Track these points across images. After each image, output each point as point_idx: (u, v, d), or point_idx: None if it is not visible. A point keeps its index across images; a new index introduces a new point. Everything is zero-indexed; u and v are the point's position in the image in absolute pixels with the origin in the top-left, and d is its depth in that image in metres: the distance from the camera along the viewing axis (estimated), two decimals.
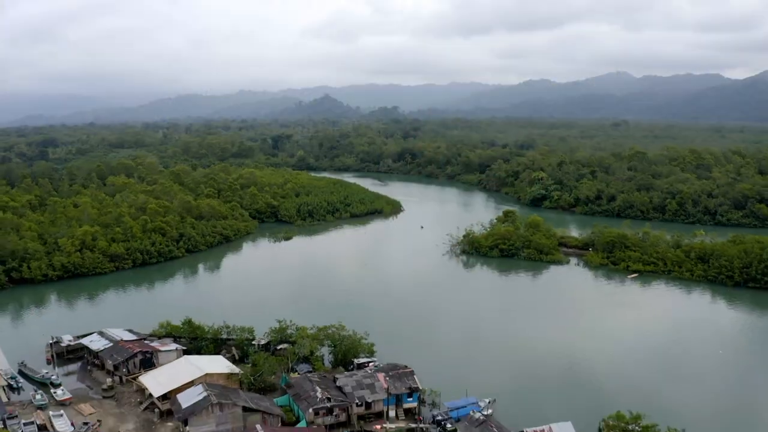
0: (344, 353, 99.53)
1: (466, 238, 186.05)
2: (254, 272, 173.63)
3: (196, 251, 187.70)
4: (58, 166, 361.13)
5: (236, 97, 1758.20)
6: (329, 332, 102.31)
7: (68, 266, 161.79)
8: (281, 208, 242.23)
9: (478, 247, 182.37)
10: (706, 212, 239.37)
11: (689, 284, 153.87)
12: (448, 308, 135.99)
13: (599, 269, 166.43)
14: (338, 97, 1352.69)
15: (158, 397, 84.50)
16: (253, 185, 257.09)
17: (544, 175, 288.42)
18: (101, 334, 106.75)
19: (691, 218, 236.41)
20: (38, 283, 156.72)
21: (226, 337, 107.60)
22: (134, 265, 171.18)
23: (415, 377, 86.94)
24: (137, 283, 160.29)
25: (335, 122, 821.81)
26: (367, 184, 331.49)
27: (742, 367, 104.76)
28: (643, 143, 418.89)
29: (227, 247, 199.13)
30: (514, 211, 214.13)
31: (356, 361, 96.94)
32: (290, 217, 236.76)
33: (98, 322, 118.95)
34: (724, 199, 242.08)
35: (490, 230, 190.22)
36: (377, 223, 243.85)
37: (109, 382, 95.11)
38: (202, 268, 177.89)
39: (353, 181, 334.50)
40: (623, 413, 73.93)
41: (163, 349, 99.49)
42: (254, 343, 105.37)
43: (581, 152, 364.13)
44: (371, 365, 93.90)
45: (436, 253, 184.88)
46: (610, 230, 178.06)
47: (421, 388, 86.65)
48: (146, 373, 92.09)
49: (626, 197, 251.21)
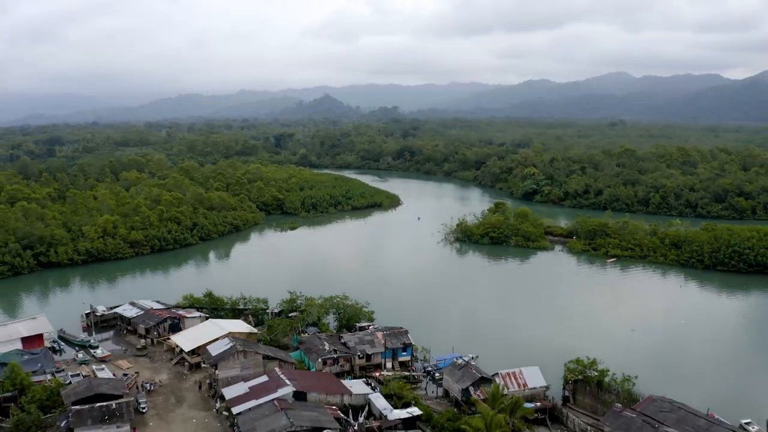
0: (348, 319, 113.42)
1: (459, 227, 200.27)
2: (264, 256, 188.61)
3: (208, 239, 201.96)
4: (68, 162, 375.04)
5: (236, 96, 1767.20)
6: (334, 301, 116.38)
7: (92, 251, 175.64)
8: (287, 200, 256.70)
9: (470, 235, 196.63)
10: (687, 205, 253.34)
11: (663, 267, 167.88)
12: (440, 285, 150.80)
13: (581, 254, 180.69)
14: (338, 97, 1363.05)
15: (188, 352, 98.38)
16: (259, 180, 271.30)
17: (535, 170, 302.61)
18: (133, 304, 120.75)
19: (673, 211, 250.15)
20: (64, 266, 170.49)
21: (242, 307, 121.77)
22: (152, 250, 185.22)
23: (408, 335, 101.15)
24: (156, 266, 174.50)
25: (335, 122, 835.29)
26: (367, 180, 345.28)
27: (697, 332, 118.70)
28: (638, 142, 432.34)
29: (237, 236, 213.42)
30: (504, 202, 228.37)
31: (358, 325, 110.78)
32: (295, 209, 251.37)
33: (124, 298, 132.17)
34: (705, 192, 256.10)
35: (481, 220, 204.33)
36: (377, 215, 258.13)
37: (142, 342, 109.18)
38: (215, 253, 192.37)
39: (354, 177, 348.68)
40: (582, 359, 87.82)
41: (188, 315, 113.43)
42: (268, 311, 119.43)
43: (574, 150, 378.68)
44: (371, 328, 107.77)
45: (431, 240, 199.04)
46: (592, 219, 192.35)
47: (413, 345, 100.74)
48: (176, 334, 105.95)
49: (612, 191, 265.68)
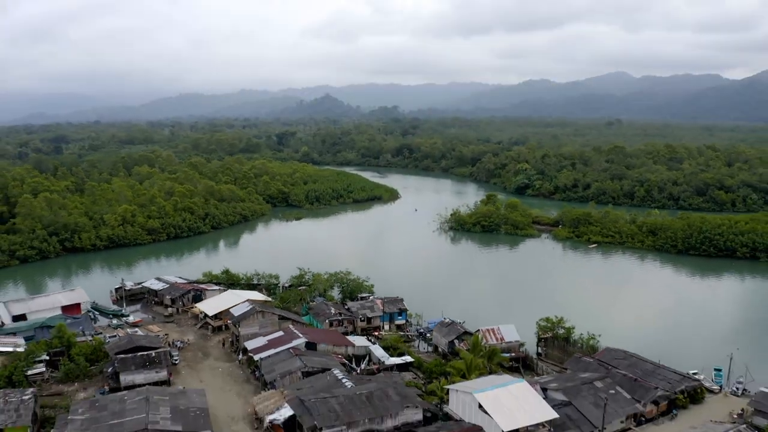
0: (350, 292, 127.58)
1: (453, 216, 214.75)
2: (273, 241, 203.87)
3: (219, 228, 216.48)
4: (78, 159, 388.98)
5: (237, 96, 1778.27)
6: (338, 276, 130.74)
7: (113, 237, 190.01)
8: (291, 193, 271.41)
9: (463, 224, 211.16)
10: (670, 198, 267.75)
11: (640, 252, 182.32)
12: (434, 265, 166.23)
13: (565, 241, 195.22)
14: (338, 96, 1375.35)
15: (211, 316, 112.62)
16: (265, 174, 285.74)
17: (527, 166, 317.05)
18: (158, 279, 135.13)
19: (656, 203, 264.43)
20: (88, 251, 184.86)
21: (256, 282, 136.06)
22: (168, 237, 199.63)
23: (403, 302, 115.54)
24: (173, 251, 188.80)
25: (336, 121, 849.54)
26: (367, 176, 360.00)
27: (664, 304, 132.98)
28: (633, 141, 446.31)
29: (246, 225, 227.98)
30: (495, 194, 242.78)
31: (360, 295, 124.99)
32: (300, 201, 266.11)
33: (147, 277, 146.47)
34: (687, 186, 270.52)
35: (474, 210, 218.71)
36: (377, 207, 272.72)
37: (169, 311, 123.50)
38: (227, 240, 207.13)
39: (355, 173, 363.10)
40: (551, 318, 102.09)
41: (209, 288, 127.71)
42: (279, 285, 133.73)
43: (567, 147, 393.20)
44: (371, 298, 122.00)
45: (427, 229, 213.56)
46: (576, 209, 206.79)
47: (408, 310, 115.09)
48: (200, 303, 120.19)
49: (599, 185, 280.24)
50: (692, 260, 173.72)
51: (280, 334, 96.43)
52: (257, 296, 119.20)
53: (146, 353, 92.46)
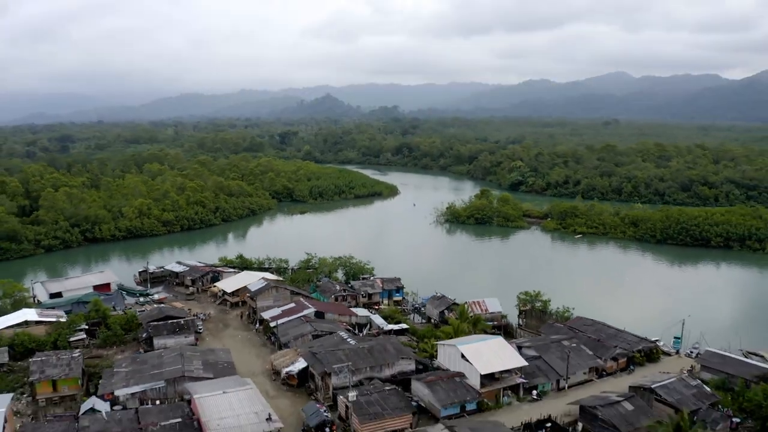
0: (353, 274, 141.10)
1: (449, 210, 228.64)
2: (280, 233, 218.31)
3: (229, 220, 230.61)
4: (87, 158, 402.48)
5: (237, 96, 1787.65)
6: (342, 260, 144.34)
7: (131, 228, 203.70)
8: (296, 189, 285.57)
9: (458, 216, 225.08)
10: (656, 193, 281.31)
11: (622, 241, 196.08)
12: (429, 252, 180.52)
13: (553, 232, 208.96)
14: (339, 96, 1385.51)
15: (229, 293, 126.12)
16: (270, 171, 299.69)
17: (521, 164, 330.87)
18: (179, 263, 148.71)
19: (643, 199, 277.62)
20: (107, 241, 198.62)
21: (267, 266, 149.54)
22: (182, 229, 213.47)
23: (400, 281, 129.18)
24: (187, 241, 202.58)
25: (337, 121, 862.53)
26: (368, 174, 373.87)
27: (638, 286, 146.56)
28: (628, 140, 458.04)
29: (254, 218, 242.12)
30: (488, 189, 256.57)
31: (362, 276, 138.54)
32: (304, 196, 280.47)
33: (166, 263, 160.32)
34: (673, 182, 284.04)
35: (468, 204, 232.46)
36: (377, 202, 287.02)
37: (191, 290, 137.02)
38: (237, 231, 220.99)
39: (356, 171, 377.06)
40: (530, 291, 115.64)
41: (226, 270, 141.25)
42: (289, 269, 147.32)
43: (562, 146, 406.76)
44: (371, 278, 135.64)
45: (424, 222, 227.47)
46: (564, 203, 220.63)
47: (404, 288, 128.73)
48: (218, 282, 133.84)
49: (589, 181, 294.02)
50: (670, 249, 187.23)
51: (292, 305, 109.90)
52: (270, 276, 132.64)
53: (175, 321, 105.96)
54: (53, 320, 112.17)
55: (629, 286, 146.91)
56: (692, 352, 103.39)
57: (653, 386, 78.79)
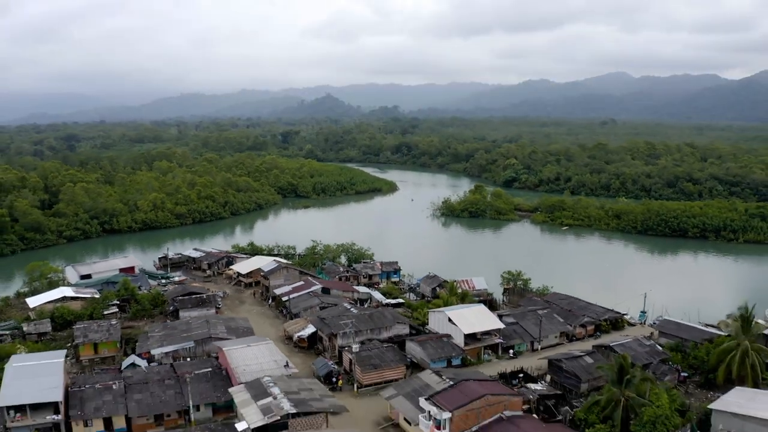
0: (355, 259, 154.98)
1: (444, 204, 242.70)
2: (286, 225, 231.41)
3: (237, 214, 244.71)
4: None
5: (238, 96, 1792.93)
6: (345, 247, 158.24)
7: (146, 221, 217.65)
8: (300, 185, 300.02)
9: (453, 210, 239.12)
10: (643, 189, 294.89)
11: (605, 232, 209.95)
12: (425, 242, 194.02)
13: (542, 224, 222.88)
14: (339, 96, 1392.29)
15: (244, 274, 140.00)
16: (275, 168, 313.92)
17: (515, 162, 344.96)
18: (196, 249, 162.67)
19: (630, 194, 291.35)
20: (124, 233, 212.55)
21: (276, 252, 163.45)
22: (194, 221, 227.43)
23: (398, 264, 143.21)
24: (199, 233, 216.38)
25: (337, 121, 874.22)
26: (368, 171, 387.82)
27: (616, 269, 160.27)
28: (622, 140, 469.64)
29: (260, 212, 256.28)
30: (483, 186, 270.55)
31: (363, 261, 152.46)
32: (307, 192, 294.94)
33: (183, 250, 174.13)
34: (659, 179, 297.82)
35: (463, 199, 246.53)
36: (377, 198, 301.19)
37: (208, 272, 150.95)
38: (245, 224, 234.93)
39: (357, 168, 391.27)
40: (512, 271, 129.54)
41: (239, 256, 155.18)
42: (296, 255, 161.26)
43: (556, 145, 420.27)
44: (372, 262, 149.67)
45: (421, 215, 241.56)
46: (552, 198, 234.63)
47: (401, 270, 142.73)
48: (233, 265, 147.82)
49: (579, 178, 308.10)
50: (649, 239, 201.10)
51: (301, 283, 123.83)
52: (280, 260, 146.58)
53: (198, 295, 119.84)
54: (88, 296, 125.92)
55: (606, 270, 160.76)
56: (654, 323, 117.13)
57: (611, 344, 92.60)
